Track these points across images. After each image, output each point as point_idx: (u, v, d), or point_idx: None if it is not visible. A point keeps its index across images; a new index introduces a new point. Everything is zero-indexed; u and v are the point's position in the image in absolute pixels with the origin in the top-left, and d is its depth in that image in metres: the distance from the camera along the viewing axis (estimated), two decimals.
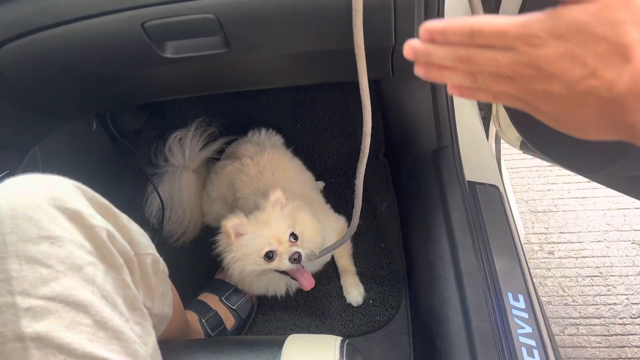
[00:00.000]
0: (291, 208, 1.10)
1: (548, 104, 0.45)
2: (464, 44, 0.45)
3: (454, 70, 0.48)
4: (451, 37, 0.46)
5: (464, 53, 0.46)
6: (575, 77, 0.41)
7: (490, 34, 0.44)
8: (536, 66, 0.42)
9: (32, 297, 0.51)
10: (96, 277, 0.56)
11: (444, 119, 1.21)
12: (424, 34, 0.47)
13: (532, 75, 0.43)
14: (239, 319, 1.23)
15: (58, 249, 0.54)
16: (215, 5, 0.79)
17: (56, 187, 0.58)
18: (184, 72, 1.00)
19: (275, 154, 1.36)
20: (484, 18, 0.44)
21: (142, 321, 0.64)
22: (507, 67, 0.44)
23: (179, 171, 1.44)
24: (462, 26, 0.45)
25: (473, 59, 0.46)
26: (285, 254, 1.04)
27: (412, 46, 0.48)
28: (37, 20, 0.83)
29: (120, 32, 0.84)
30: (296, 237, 1.07)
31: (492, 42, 0.44)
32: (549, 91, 0.43)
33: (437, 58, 0.47)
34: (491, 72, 0.46)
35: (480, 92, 0.49)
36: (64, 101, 1.12)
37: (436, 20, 0.47)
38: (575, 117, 0.44)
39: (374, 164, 1.55)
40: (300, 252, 1.04)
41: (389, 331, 1.22)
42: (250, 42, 0.88)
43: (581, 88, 0.41)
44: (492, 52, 0.44)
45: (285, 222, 1.07)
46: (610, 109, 0.41)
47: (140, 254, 0.69)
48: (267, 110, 1.74)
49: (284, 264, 1.04)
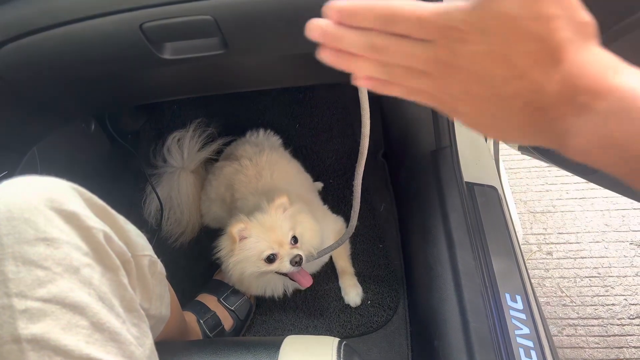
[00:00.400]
0: (292, 210, 1.10)
1: (467, 105, 0.40)
2: (378, 30, 0.39)
3: (366, 60, 0.41)
4: (363, 20, 0.39)
5: (378, 41, 0.39)
6: (500, 78, 0.36)
7: (407, 21, 0.38)
8: (456, 64, 0.37)
9: (28, 299, 0.51)
10: (93, 279, 0.57)
11: (442, 120, 1.21)
12: (333, 14, 0.40)
13: (451, 73, 0.38)
14: (237, 319, 1.23)
15: (55, 250, 0.54)
16: (212, 7, 0.79)
17: (53, 189, 0.59)
18: (183, 73, 1.00)
19: (274, 155, 1.36)
20: (402, 1, 0.38)
21: (139, 323, 0.64)
22: (424, 62, 0.39)
23: (177, 172, 1.44)
24: (377, 9, 0.38)
25: (387, 49, 0.39)
26: (286, 256, 1.05)
27: (320, 26, 0.41)
28: (36, 21, 0.83)
29: (119, 34, 0.84)
30: (296, 240, 1.08)
31: (409, 31, 0.38)
32: (469, 92, 0.38)
33: (347, 44, 0.40)
34: (406, 66, 0.40)
35: (393, 86, 0.43)
36: (63, 102, 1.13)
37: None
38: (498, 121, 0.39)
39: (373, 164, 1.55)
40: (301, 254, 1.05)
41: (387, 332, 1.23)
42: (248, 43, 0.88)
43: (506, 90, 0.36)
44: (408, 42, 0.38)
45: (287, 225, 1.07)
46: (539, 114, 0.36)
47: (138, 255, 0.69)
48: (266, 110, 1.74)
49: (285, 266, 1.05)
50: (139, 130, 1.72)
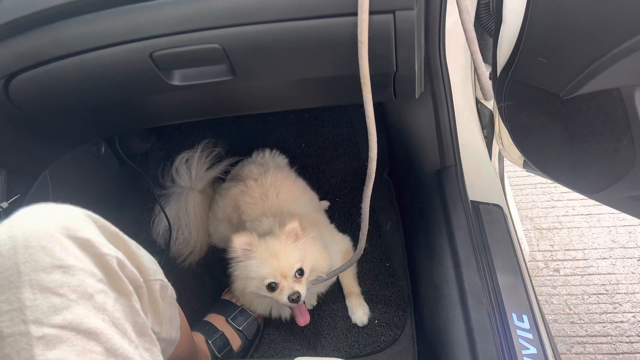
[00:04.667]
0: (304, 241, 1.10)
1: None
2: None
3: None
4: None
5: None
6: None
7: None
8: None
9: (44, 326, 0.53)
10: (106, 305, 0.58)
11: (446, 139, 1.22)
12: None
13: None
14: (245, 339, 1.23)
15: (70, 277, 0.56)
16: (220, 36, 0.81)
17: (68, 217, 0.60)
18: (191, 98, 1.02)
19: (279, 175, 1.37)
20: None
21: (151, 347, 0.65)
22: None
23: (185, 192, 1.46)
24: None
25: None
26: (286, 290, 1.05)
27: None
28: (49, 51, 0.85)
29: (130, 62, 0.86)
30: (302, 273, 1.08)
31: None
32: None
33: None
34: None
35: None
36: (74, 127, 1.15)
37: None
38: None
39: (378, 182, 1.56)
40: (300, 292, 1.05)
41: (395, 351, 1.23)
42: (255, 70, 0.90)
43: None
44: None
45: (295, 256, 1.07)
46: None
47: (149, 280, 0.70)
48: (272, 130, 1.76)
49: (283, 299, 1.06)
50: (147, 151, 1.75)
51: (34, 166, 1.19)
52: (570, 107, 0.87)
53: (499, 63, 0.96)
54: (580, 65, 0.81)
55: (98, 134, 1.39)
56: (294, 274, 1.06)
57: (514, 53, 0.91)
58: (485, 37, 1.12)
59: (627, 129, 0.82)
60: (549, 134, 0.96)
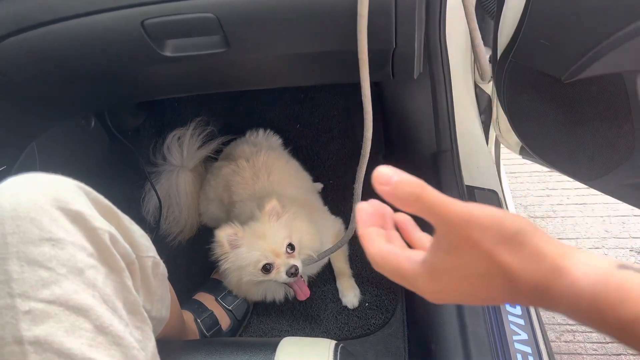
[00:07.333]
0: (287, 217, 1.09)
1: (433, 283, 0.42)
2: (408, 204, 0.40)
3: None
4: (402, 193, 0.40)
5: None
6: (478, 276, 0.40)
7: (435, 214, 0.39)
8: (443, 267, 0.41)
9: (32, 300, 0.51)
10: (97, 281, 0.56)
11: (443, 123, 1.21)
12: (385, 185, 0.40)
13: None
14: (234, 319, 1.22)
15: (59, 251, 0.54)
16: (215, 5, 0.78)
17: (59, 188, 0.57)
18: (184, 70, 1.00)
19: (271, 156, 1.35)
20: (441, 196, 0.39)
21: (142, 325, 0.63)
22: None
23: (176, 170, 1.43)
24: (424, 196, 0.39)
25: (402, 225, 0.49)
26: (282, 266, 1.04)
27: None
28: (35, 16, 0.82)
29: (120, 30, 0.83)
30: (293, 248, 1.07)
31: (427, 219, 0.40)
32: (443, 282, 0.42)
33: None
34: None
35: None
36: (62, 98, 1.12)
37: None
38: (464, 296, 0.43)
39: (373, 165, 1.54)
40: (297, 265, 1.04)
41: (384, 334, 1.22)
42: (249, 42, 0.87)
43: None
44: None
45: (282, 233, 1.06)
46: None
47: (142, 256, 0.68)
48: (267, 110, 1.73)
49: (281, 277, 1.04)
50: (139, 127, 1.72)
51: (20, 138, 1.16)
52: (571, 91, 0.85)
53: (500, 45, 0.94)
54: (583, 48, 0.79)
55: (88, 108, 1.36)
56: (285, 250, 1.05)
57: (515, 35, 0.89)
58: (486, 19, 1.10)
59: (628, 115, 0.80)
60: (548, 119, 0.94)
